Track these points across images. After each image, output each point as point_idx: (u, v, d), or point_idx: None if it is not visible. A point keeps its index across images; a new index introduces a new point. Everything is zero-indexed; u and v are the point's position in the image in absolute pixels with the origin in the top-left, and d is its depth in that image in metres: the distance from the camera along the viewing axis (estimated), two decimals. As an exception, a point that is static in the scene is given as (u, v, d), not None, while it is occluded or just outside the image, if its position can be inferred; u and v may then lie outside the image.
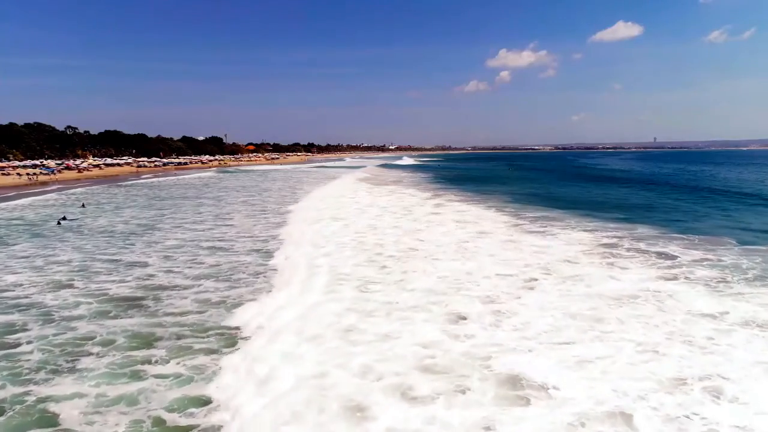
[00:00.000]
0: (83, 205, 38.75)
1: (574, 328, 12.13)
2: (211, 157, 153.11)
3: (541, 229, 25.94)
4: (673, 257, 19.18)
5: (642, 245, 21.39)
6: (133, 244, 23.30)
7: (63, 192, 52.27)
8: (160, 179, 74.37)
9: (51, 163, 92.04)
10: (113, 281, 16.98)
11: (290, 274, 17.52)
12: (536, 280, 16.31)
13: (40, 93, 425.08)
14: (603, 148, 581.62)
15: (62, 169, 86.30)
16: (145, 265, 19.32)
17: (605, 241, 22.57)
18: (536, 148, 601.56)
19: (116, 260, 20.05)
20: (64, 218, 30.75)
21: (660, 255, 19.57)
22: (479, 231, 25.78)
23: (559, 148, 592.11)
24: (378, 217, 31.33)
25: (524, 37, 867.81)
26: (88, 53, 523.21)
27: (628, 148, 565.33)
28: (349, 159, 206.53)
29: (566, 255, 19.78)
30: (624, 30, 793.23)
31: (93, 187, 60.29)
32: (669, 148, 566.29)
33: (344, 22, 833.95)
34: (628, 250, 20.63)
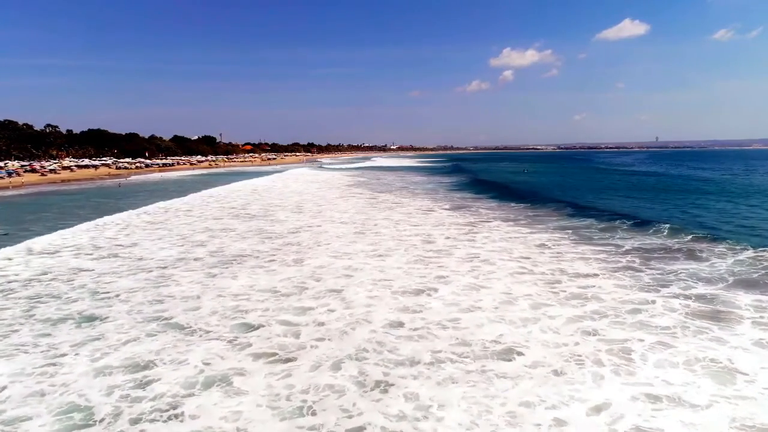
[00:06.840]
0: (-1, 232, 26.01)
1: None
2: (203, 158, 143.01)
3: (673, 279, 15.87)
4: None
5: None
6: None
7: None
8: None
9: (15, 164, 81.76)
10: None
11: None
12: None
13: (35, 93, 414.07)
14: (606, 147, 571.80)
15: (25, 171, 76.16)
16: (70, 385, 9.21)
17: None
18: (539, 147, 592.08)
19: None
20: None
21: None
22: (572, 288, 15.73)
23: (561, 148, 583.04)
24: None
25: (529, 36, 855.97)
26: (86, 54, 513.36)
27: (631, 148, 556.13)
28: (327, 160, 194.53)
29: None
30: (630, 28, 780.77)
31: (36, 193, 50.28)
32: (672, 147, 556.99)
33: (346, 21, 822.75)
34: None
